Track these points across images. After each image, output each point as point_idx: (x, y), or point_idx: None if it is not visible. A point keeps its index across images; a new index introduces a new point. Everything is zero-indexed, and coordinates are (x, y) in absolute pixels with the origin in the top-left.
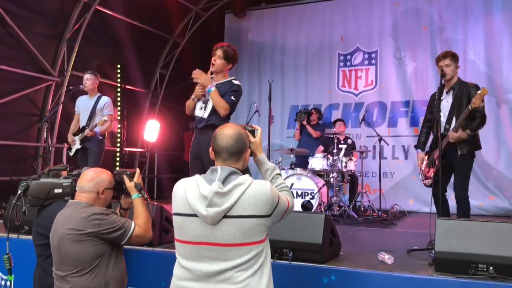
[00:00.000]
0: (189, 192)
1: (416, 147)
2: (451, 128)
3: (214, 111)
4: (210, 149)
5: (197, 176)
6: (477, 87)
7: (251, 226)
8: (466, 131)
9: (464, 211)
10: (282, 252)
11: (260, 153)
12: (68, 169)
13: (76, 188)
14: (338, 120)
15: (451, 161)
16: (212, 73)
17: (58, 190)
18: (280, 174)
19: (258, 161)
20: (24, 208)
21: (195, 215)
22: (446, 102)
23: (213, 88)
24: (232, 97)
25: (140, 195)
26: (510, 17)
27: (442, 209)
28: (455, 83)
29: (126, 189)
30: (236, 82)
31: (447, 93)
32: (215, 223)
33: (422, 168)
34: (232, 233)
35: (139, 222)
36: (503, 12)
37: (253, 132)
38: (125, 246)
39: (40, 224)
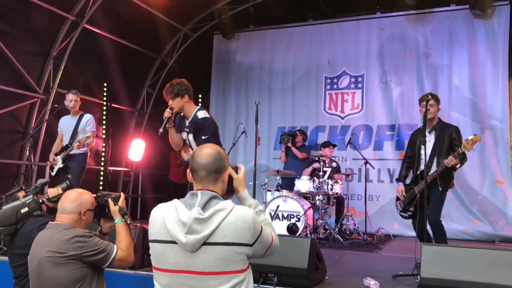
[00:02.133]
0: (167, 218)
1: (398, 180)
2: (432, 166)
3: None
4: (188, 170)
5: (175, 200)
6: (457, 130)
7: (230, 254)
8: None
9: (439, 234)
10: (267, 277)
11: (243, 189)
12: (23, 188)
13: (58, 209)
14: (330, 144)
15: (430, 194)
16: (178, 117)
17: (24, 210)
18: (262, 211)
19: (240, 197)
20: None
21: (174, 242)
22: (428, 142)
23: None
24: (204, 137)
25: (123, 219)
26: (493, 45)
27: (426, 239)
28: (436, 124)
29: (108, 213)
30: (201, 115)
31: (429, 132)
32: (195, 251)
33: (401, 200)
34: (212, 260)
35: (121, 246)
36: (486, 40)
37: (236, 169)
38: (106, 269)
39: (17, 245)
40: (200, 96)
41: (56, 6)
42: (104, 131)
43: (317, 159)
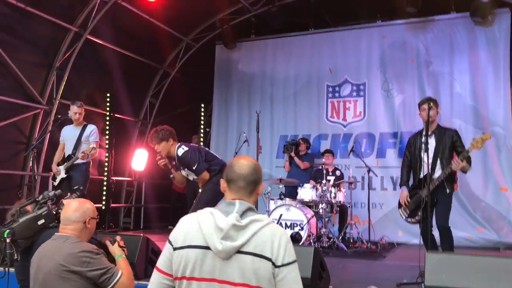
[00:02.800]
0: (203, 223)
1: (401, 185)
2: (436, 170)
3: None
4: (222, 180)
5: (209, 208)
6: (457, 132)
7: (257, 267)
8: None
9: (448, 241)
10: None
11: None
12: (36, 200)
13: (61, 220)
14: (326, 151)
15: (437, 198)
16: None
17: (41, 222)
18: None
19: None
20: (16, 255)
21: (209, 248)
22: (429, 146)
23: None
24: (193, 167)
25: (124, 256)
26: (494, 52)
27: (431, 245)
28: (435, 128)
29: (108, 255)
30: (180, 153)
31: (428, 136)
32: (227, 258)
33: (404, 206)
34: (241, 270)
35: (124, 272)
36: (487, 47)
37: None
38: None
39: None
40: (202, 105)
41: (59, 18)
42: (107, 141)
43: (320, 167)
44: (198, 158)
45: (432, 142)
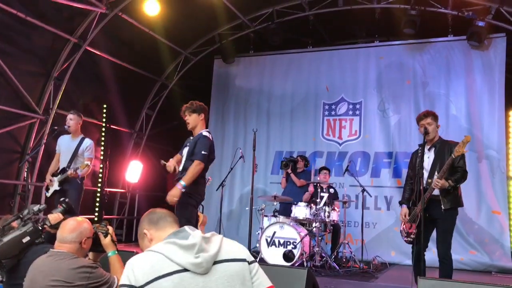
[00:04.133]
0: (167, 251)
1: (400, 203)
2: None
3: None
4: (145, 231)
5: (158, 244)
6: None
7: (239, 270)
8: (448, 181)
9: (446, 269)
10: None
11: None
12: (20, 216)
13: (57, 238)
14: (323, 168)
15: (434, 215)
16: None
17: (26, 239)
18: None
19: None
20: (1, 277)
21: (184, 270)
22: (428, 158)
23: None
24: (203, 152)
25: (116, 252)
26: (489, 76)
27: (419, 268)
28: (436, 141)
29: (100, 247)
30: (204, 133)
31: (429, 149)
32: (206, 272)
33: (404, 226)
34: (225, 279)
35: (119, 277)
36: (483, 72)
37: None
38: None
39: (21, 275)
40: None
41: (59, 28)
42: (102, 152)
43: (315, 184)
44: (209, 152)
45: (431, 155)
